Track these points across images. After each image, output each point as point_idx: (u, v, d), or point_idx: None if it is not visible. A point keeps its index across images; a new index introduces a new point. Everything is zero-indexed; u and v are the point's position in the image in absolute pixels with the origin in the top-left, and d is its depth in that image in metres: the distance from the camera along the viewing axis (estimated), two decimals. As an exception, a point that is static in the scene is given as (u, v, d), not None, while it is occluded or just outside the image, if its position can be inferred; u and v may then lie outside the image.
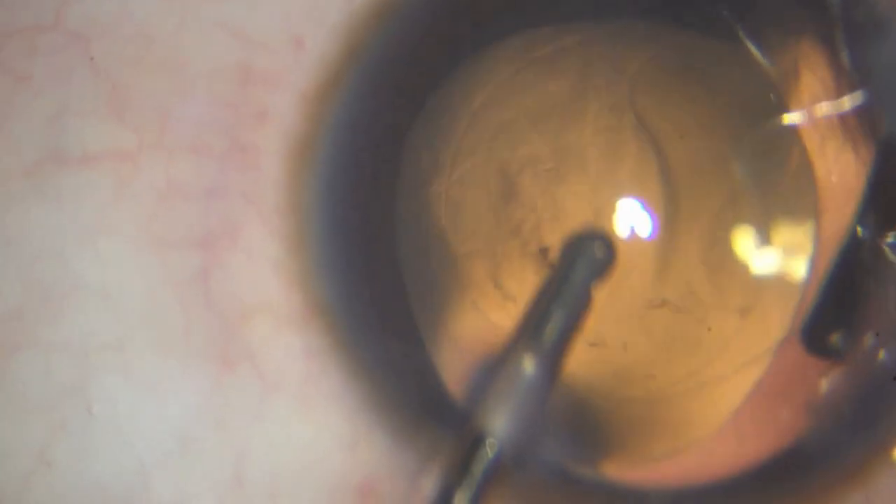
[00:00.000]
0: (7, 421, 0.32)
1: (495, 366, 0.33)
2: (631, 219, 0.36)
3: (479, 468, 0.31)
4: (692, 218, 0.36)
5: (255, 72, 0.34)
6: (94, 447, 0.32)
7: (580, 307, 0.34)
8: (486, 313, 0.36)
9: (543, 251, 0.36)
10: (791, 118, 0.36)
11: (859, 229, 0.35)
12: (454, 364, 0.35)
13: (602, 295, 0.34)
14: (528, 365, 0.33)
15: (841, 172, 0.36)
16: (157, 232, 0.33)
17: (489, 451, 0.31)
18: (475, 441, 0.32)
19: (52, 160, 0.33)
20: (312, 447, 0.33)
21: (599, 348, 0.36)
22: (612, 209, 0.36)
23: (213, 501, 0.33)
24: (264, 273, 0.33)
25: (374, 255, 0.35)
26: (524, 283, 0.36)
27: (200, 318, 0.33)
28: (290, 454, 0.33)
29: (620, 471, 0.35)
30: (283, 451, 0.33)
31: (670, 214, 0.36)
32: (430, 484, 0.32)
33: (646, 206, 0.36)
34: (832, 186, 0.36)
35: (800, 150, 0.36)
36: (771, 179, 0.36)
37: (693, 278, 0.36)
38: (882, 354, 0.34)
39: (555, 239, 0.36)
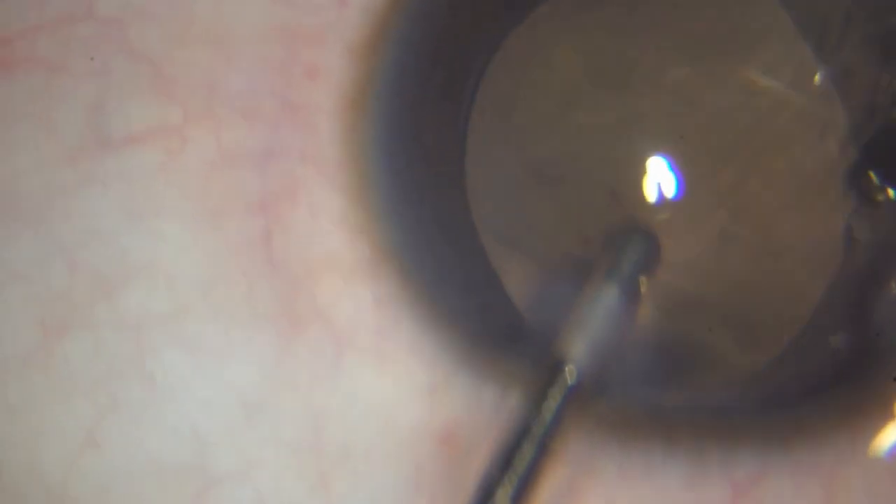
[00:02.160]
0: (55, 402, 0.32)
1: (575, 294, 0.31)
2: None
3: (558, 395, 0.30)
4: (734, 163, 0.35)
5: (301, 31, 0.33)
6: (148, 424, 0.31)
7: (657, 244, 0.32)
8: (559, 246, 0.35)
9: (613, 193, 0.35)
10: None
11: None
12: (530, 296, 0.34)
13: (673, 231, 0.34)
14: (610, 291, 0.31)
15: (863, 105, 0.34)
16: (210, 201, 0.32)
17: (569, 377, 0.30)
18: (554, 368, 0.30)
19: (96, 144, 0.33)
20: (389, 400, 0.32)
21: (678, 276, 0.34)
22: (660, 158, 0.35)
23: (284, 467, 0.31)
24: (328, 228, 0.32)
25: (440, 196, 0.34)
26: (596, 218, 0.35)
27: (265, 282, 0.32)
28: (366, 410, 0.31)
29: (700, 395, 0.33)
30: (358, 407, 0.31)
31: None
32: (509, 414, 0.30)
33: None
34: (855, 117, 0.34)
35: (823, 91, 0.35)
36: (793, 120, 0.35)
37: (749, 212, 0.35)
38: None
39: (621, 179, 0.35)
